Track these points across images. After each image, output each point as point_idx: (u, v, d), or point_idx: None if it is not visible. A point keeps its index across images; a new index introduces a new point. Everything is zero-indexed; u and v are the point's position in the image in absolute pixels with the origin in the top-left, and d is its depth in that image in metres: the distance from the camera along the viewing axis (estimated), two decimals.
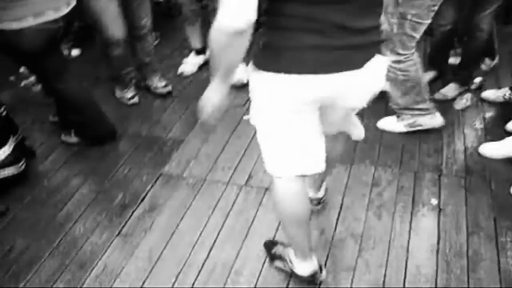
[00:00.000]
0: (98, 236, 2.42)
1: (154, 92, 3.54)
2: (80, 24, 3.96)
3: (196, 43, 3.79)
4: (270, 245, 2.22)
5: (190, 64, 3.84)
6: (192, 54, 3.85)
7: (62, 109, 3.03)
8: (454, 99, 3.21)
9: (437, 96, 3.20)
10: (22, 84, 3.67)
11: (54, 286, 2.17)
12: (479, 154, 2.75)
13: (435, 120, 2.89)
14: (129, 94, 3.46)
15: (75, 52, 4.08)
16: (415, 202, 2.47)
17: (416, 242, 2.25)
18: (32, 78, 3.52)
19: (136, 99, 3.48)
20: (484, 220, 2.34)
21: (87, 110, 2.93)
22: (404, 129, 2.92)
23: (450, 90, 3.23)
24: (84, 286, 2.16)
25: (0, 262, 2.30)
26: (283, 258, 2.11)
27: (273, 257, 2.17)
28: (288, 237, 2.00)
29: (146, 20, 3.24)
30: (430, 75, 3.33)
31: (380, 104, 3.00)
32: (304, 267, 2.01)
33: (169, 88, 3.55)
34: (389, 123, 2.99)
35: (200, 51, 3.83)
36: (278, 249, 2.16)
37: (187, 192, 2.63)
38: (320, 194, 2.39)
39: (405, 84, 2.70)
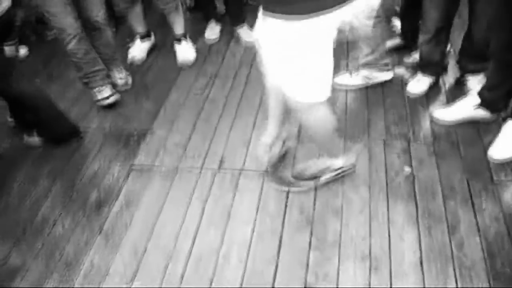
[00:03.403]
0: (79, 235, 2.42)
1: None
2: (24, 20, 3.82)
3: (138, 28, 3.75)
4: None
5: (138, 50, 3.78)
6: (138, 40, 3.79)
7: (18, 110, 2.97)
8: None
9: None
10: None
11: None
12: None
13: (389, 74, 3.18)
14: (104, 93, 3.30)
15: (23, 50, 3.93)
16: (388, 170, 2.58)
17: (396, 211, 2.37)
18: None
19: (114, 98, 3.31)
20: (458, 184, 2.46)
21: (43, 110, 2.86)
22: (361, 82, 3.17)
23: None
24: (75, 286, 2.19)
25: None
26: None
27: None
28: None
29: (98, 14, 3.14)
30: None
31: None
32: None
33: (128, 86, 3.48)
34: (345, 79, 3.20)
35: (144, 36, 3.80)
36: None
37: (161, 183, 2.66)
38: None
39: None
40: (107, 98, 3.28)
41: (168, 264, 2.24)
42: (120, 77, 3.46)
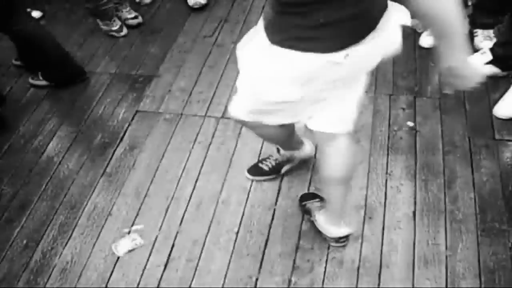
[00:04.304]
0: (83, 177, 2.49)
1: (125, 24, 3.44)
2: None
3: None
4: (304, 197, 2.24)
5: None
6: None
7: (24, 51, 2.97)
8: None
9: None
10: None
11: (49, 226, 2.27)
12: None
13: None
14: (115, 26, 3.36)
15: None
16: (392, 124, 2.58)
17: (395, 164, 2.39)
18: None
19: (125, 31, 3.40)
20: (459, 140, 2.46)
21: (49, 51, 2.86)
22: None
23: None
24: (78, 225, 2.27)
25: None
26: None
27: (305, 211, 2.20)
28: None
29: None
30: None
31: None
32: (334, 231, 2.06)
33: (140, 19, 3.46)
34: None
35: None
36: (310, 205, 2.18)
37: (165, 128, 2.69)
38: None
39: None
40: (118, 31, 3.38)
41: (169, 207, 2.30)
42: (131, 16, 3.45)
